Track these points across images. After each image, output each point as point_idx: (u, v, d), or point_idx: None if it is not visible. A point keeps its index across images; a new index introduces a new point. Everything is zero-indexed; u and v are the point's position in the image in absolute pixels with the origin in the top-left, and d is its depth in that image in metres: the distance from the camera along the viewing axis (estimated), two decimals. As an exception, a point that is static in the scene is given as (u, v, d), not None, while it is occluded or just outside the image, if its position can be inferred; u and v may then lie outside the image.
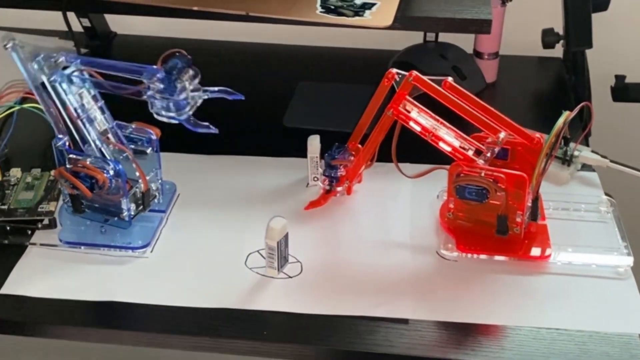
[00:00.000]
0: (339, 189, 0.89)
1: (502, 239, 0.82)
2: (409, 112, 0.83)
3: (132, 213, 0.84)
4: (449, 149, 0.81)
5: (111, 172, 0.80)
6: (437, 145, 0.82)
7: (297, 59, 1.23)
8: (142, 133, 0.85)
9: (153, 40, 1.26)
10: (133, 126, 0.85)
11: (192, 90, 0.77)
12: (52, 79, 0.78)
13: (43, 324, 0.77)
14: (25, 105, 0.81)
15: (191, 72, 0.76)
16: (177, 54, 0.76)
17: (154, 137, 0.85)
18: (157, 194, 0.87)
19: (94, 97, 0.81)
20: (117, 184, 0.81)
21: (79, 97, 0.80)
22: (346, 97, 1.10)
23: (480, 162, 0.80)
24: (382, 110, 0.86)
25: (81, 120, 0.80)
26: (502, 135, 0.81)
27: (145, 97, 0.76)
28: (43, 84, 0.78)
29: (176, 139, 0.98)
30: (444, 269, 0.81)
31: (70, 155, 0.80)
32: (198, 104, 0.77)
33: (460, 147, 0.81)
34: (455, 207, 0.82)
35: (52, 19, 1.09)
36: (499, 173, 0.78)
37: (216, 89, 0.78)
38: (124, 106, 0.83)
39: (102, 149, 0.81)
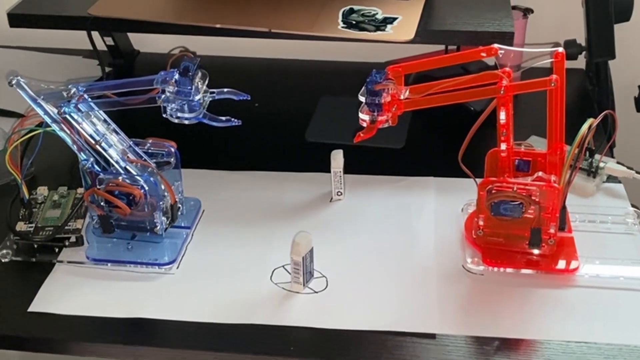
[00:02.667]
0: (381, 118, 0.79)
1: (529, 252, 0.82)
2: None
3: (165, 226, 0.84)
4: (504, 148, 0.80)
5: (146, 187, 0.81)
6: (500, 142, 0.80)
7: (318, 73, 1.24)
8: (160, 147, 0.86)
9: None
10: (150, 142, 0.86)
11: (204, 91, 0.78)
12: (62, 111, 0.79)
13: (71, 341, 0.78)
14: (49, 129, 0.82)
15: (200, 73, 0.78)
16: (185, 57, 0.78)
17: (173, 149, 0.86)
18: (180, 206, 0.88)
19: (104, 121, 0.82)
20: (151, 199, 0.81)
21: (92, 123, 0.81)
22: (368, 112, 1.10)
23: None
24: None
25: (99, 145, 0.81)
26: (553, 178, 0.80)
27: (159, 101, 0.78)
28: (58, 115, 0.80)
29: (200, 156, 1.00)
30: (470, 282, 0.81)
31: (100, 176, 0.81)
32: (207, 104, 0.79)
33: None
34: (485, 224, 0.82)
35: (77, 38, 1.11)
36: (532, 186, 0.78)
37: (225, 90, 0.80)
38: (131, 125, 0.85)
39: (128, 167, 0.82)
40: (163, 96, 0.77)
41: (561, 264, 0.82)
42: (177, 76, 0.77)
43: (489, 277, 0.81)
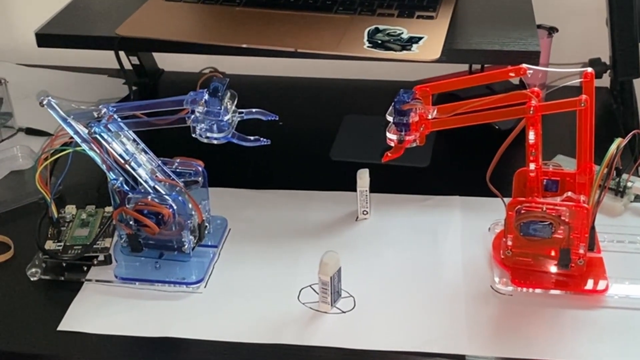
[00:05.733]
0: (409, 138, 0.80)
1: (558, 273, 0.81)
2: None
3: (192, 245, 0.85)
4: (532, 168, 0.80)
5: (174, 206, 0.81)
6: (529, 162, 0.79)
7: (343, 92, 1.24)
8: (188, 166, 0.86)
9: (199, 76, 1.28)
10: (178, 161, 0.86)
11: (232, 112, 0.79)
12: (92, 131, 0.80)
13: (99, 359, 0.78)
14: (79, 149, 0.82)
15: (229, 93, 0.79)
16: (215, 77, 0.79)
17: (201, 168, 0.86)
18: (207, 225, 0.88)
19: (133, 141, 0.83)
20: (179, 218, 0.82)
21: (121, 142, 0.82)
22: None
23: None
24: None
25: (129, 164, 0.81)
26: (582, 198, 0.79)
27: (189, 122, 0.78)
28: (88, 135, 0.81)
29: (225, 174, 1.00)
30: (499, 303, 0.80)
31: (129, 195, 0.82)
32: (235, 124, 0.79)
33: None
34: (513, 244, 0.81)
35: (101, 57, 1.12)
36: (561, 206, 0.78)
37: (253, 110, 0.80)
38: (159, 145, 0.86)
39: (156, 187, 0.83)
40: (192, 116, 0.78)
41: (590, 285, 0.81)
42: (206, 96, 0.77)
43: (518, 298, 0.81)
